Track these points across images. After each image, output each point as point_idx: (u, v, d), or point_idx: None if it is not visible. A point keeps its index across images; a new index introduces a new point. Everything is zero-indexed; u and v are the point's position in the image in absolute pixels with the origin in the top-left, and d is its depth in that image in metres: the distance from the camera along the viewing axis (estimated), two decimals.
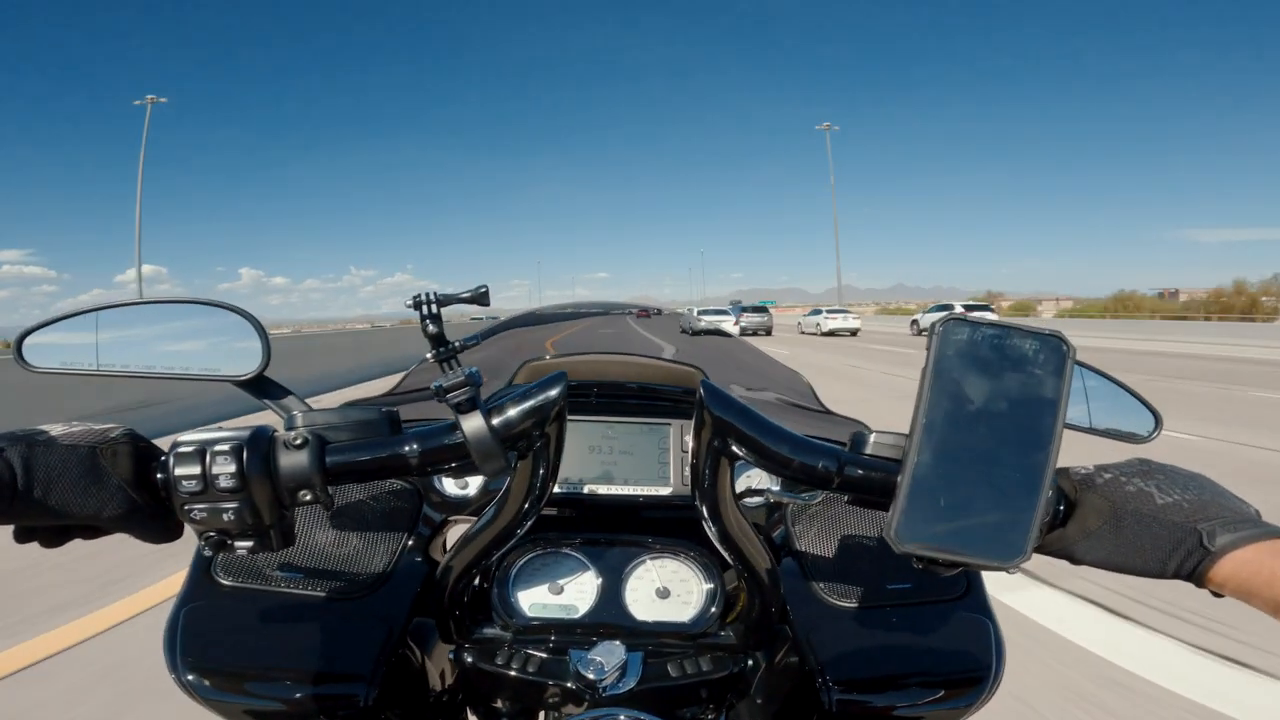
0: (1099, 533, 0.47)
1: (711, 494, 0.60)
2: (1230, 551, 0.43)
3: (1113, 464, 0.50)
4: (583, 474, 0.81)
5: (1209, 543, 0.43)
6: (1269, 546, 0.42)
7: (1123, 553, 0.46)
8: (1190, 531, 0.44)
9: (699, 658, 0.72)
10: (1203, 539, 0.44)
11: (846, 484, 0.52)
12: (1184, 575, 0.45)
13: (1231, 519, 0.44)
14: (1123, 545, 0.46)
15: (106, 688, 2.35)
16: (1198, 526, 0.44)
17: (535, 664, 0.70)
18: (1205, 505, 0.45)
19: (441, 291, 0.53)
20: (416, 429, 0.53)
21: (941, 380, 0.44)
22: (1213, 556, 0.43)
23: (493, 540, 0.64)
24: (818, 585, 0.76)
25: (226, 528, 0.48)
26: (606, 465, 0.82)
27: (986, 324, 0.45)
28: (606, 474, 0.81)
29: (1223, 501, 0.46)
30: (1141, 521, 0.46)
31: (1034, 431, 0.44)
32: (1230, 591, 0.43)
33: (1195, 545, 0.44)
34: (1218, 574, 0.43)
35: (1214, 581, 0.44)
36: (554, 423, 0.55)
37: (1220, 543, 0.43)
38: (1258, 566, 0.42)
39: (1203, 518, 0.45)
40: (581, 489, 0.81)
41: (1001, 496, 0.43)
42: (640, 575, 0.77)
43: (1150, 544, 0.45)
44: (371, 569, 0.75)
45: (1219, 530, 0.43)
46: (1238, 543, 0.43)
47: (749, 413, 0.55)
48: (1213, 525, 0.44)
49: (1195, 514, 0.45)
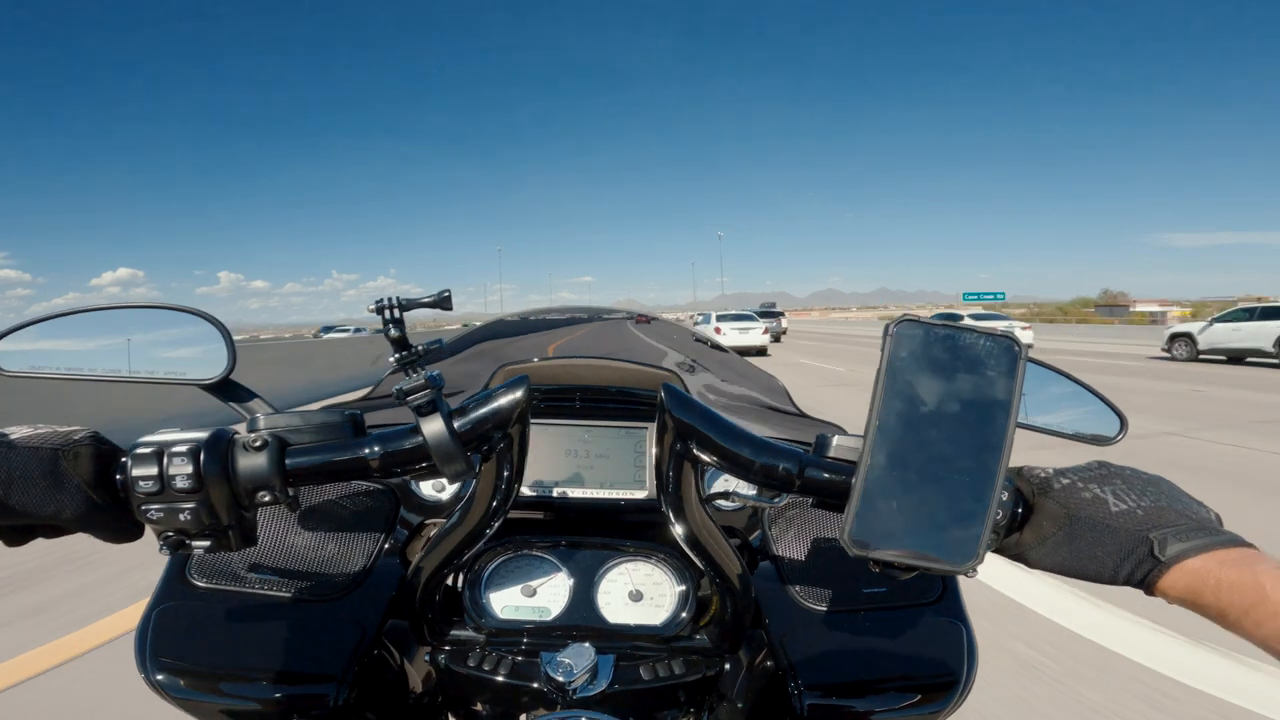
0: (1053, 539, 0.47)
1: (676, 497, 0.60)
2: (1180, 561, 0.43)
3: (1071, 468, 0.50)
4: (558, 477, 0.82)
5: (1159, 552, 0.43)
6: (1218, 556, 0.42)
7: (1076, 560, 0.47)
8: (1142, 540, 0.44)
9: (671, 661, 0.72)
10: (1153, 548, 0.44)
11: (807, 486, 0.52)
12: (1134, 583, 0.45)
13: (1185, 527, 0.44)
14: (1076, 552, 0.46)
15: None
16: (1149, 535, 0.44)
17: (508, 666, 0.70)
18: (1160, 512, 0.46)
19: (406, 296, 0.53)
20: (379, 432, 0.54)
21: (895, 382, 0.44)
22: (1162, 566, 0.43)
23: (461, 542, 0.65)
24: (793, 589, 0.76)
25: (184, 527, 0.49)
26: (582, 469, 0.82)
27: (939, 325, 0.45)
28: (582, 477, 0.82)
29: (1179, 508, 0.46)
30: (1095, 529, 0.46)
31: (987, 433, 0.44)
32: (1179, 601, 0.44)
33: (1146, 554, 0.44)
34: (1167, 583, 0.43)
35: (1163, 591, 0.44)
36: (516, 425, 0.55)
37: (1170, 552, 0.43)
38: (1206, 576, 0.42)
39: (1155, 526, 0.45)
40: (556, 492, 0.81)
41: (955, 499, 0.43)
42: (613, 578, 0.77)
43: (1102, 552, 0.46)
44: (347, 571, 0.76)
45: (1170, 539, 0.44)
46: (1188, 552, 0.43)
47: (711, 415, 0.55)
48: (1164, 534, 0.44)
49: (1148, 522, 0.45)
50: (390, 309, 0.52)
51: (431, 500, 0.86)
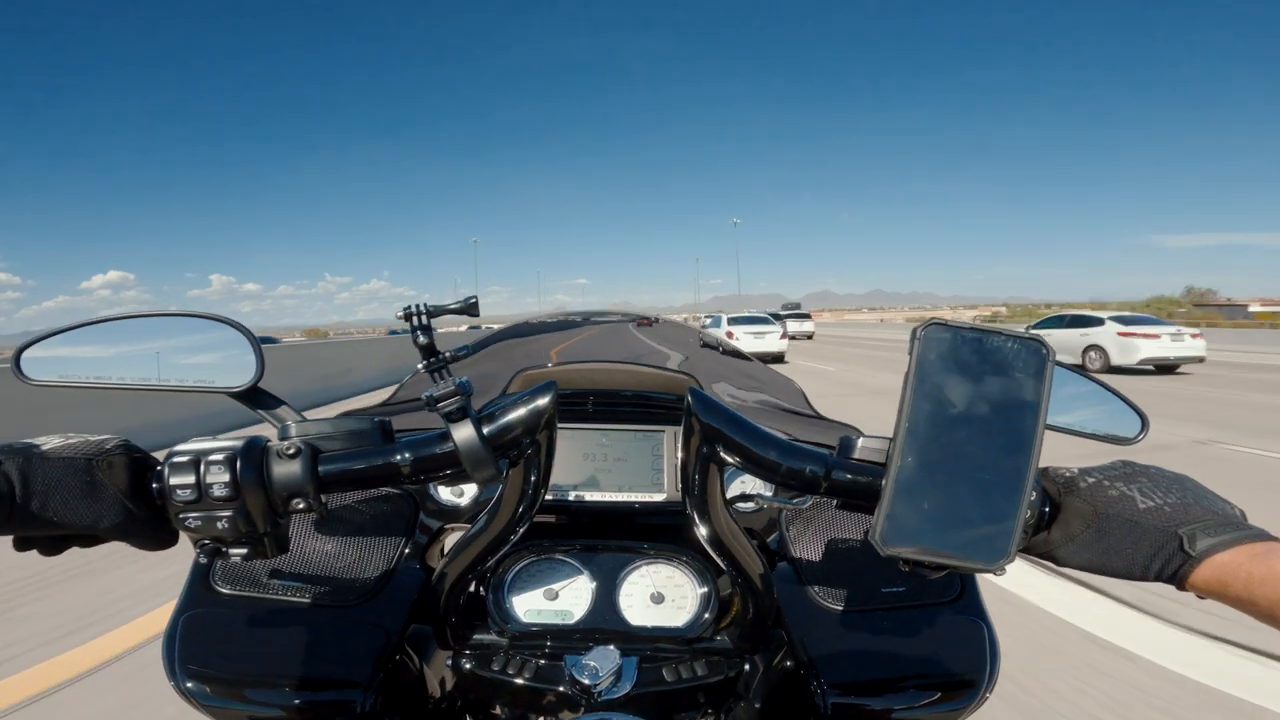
0: (1082, 537, 0.48)
1: (701, 500, 0.61)
2: (1210, 556, 0.43)
3: (1096, 467, 0.51)
4: (577, 481, 0.82)
5: (1189, 547, 0.44)
6: (1248, 550, 0.43)
7: (1105, 557, 0.47)
8: (1171, 536, 0.45)
9: (694, 662, 0.72)
10: (1183, 543, 0.44)
11: (834, 488, 0.52)
12: (1165, 578, 0.45)
13: (1213, 522, 0.45)
14: (1105, 549, 0.47)
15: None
16: (1179, 531, 0.45)
17: (531, 670, 0.70)
18: (1187, 509, 0.46)
19: (432, 303, 0.54)
20: (409, 438, 0.54)
21: (924, 384, 0.45)
22: (1193, 561, 0.44)
23: (486, 547, 0.65)
24: (812, 589, 0.76)
25: (221, 535, 0.49)
26: (601, 472, 0.82)
27: (967, 328, 0.46)
28: (601, 481, 0.82)
29: (1205, 504, 0.47)
30: (1124, 526, 0.47)
31: (1016, 434, 0.44)
32: (1211, 594, 0.44)
33: (1176, 550, 0.44)
34: (1198, 578, 0.44)
35: (1195, 585, 0.44)
36: (544, 430, 0.56)
37: (1201, 547, 0.44)
38: (1236, 570, 0.42)
39: (1184, 521, 0.45)
40: (576, 496, 0.81)
41: (985, 499, 0.44)
42: (634, 581, 0.78)
43: (1132, 548, 0.46)
44: (369, 577, 0.76)
45: (1199, 534, 0.44)
46: (1218, 547, 0.43)
47: (737, 419, 0.56)
48: (1193, 529, 0.45)
49: (1176, 518, 0.46)
50: (418, 315, 0.53)
51: (450, 505, 0.86)
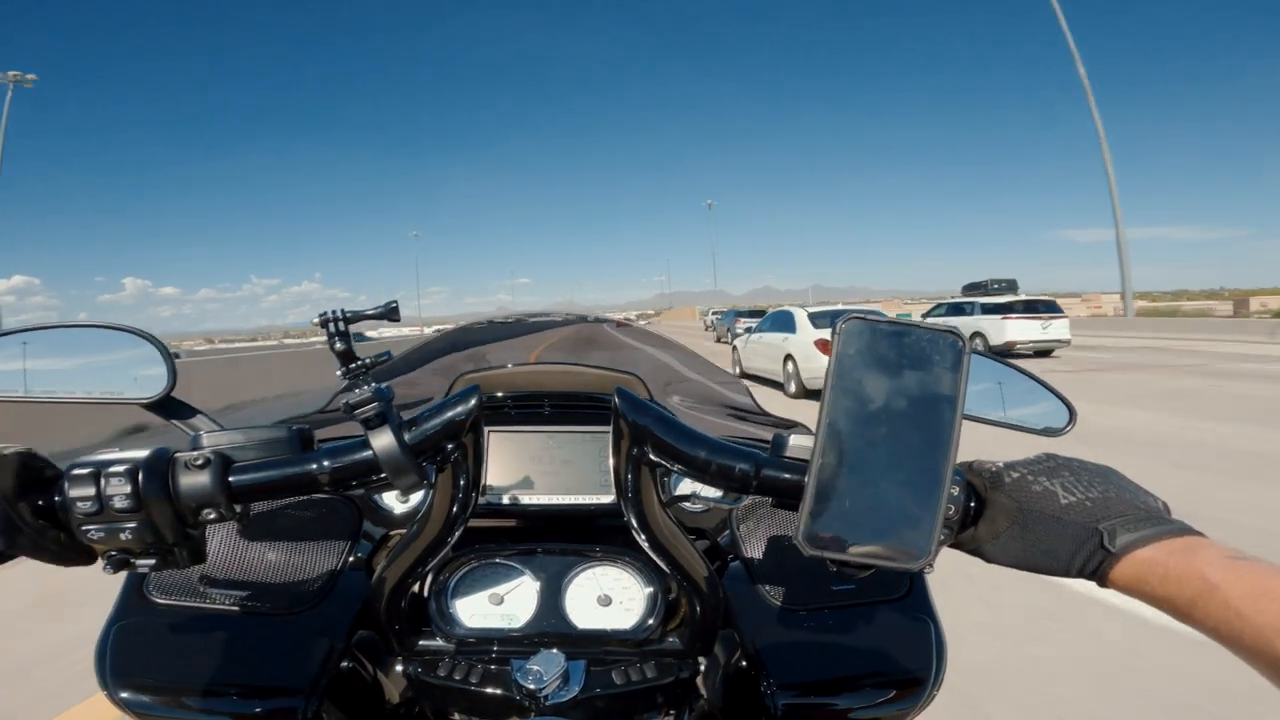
0: (1007, 533, 0.47)
1: (637, 502, 0.60)
2: (1130, 552, 0.43)
3: (1020, 460, 0.50)
4: (523, 484, 0.81)
5: (1109, 543, 0.43)
6: (1167, 545, 0.42)
7: (1029, 553, 0.46)
8: (1092, 532, 0.44)
9: (644, 664, 0.71)
10: (1103, 539, 0.44)
11: (765, 487, 0.52)
12: (1088, 575, 0.45)
13: (1134, 517, 0.44)
14: (1029, 546, 0.46)
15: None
16: (1099, 526, 0.44)
17: (478, 675, 0.69)
18: (1108, 503, 0.46)
19: (349, 308, 0.53)
20: (328, 446, 0.53)
21: (843, 380, 0.44)
22: (1112, 557, 0.43)
23: (423, 552, 0.64)
24: (763, 588, 0.76)
25: (126, 546, 0.48)
26: (548, 475, 0.81)
27: (885, 322, 0.45)
28: (548, 484, 0.81)
29: (1127, 498, 0.46)
30: (1046, 522, 0.46)
31: (934, 428, 0.43)
32: (1131, 592, 0.43)
33: (1096, 546, 0.44)
34: (1119, 575, 0.43)
35: (1116, 582, 0.44)
36: (469, 434, 0.55)
37: (1120, 543, 0.43)
38: (1154, 566, 0.42)
39: (1104, 516, 0.45)
40: (523, 499, 0.80)
41: (905, 496, 0.43)
42: (580, 584, 0.77)
43: (1055, 544, 0.45)
44: (312, 584, 0.75)
45: (1119, 530, 0.43)
46: (1138, 542, 0.43)
47: (665, 418, 0.55)
48: (1114, 524, 0.44)
49: (1097, 513, 0.45)
50: (335, 322, 0.52)
51: (394, 511, 0.85)
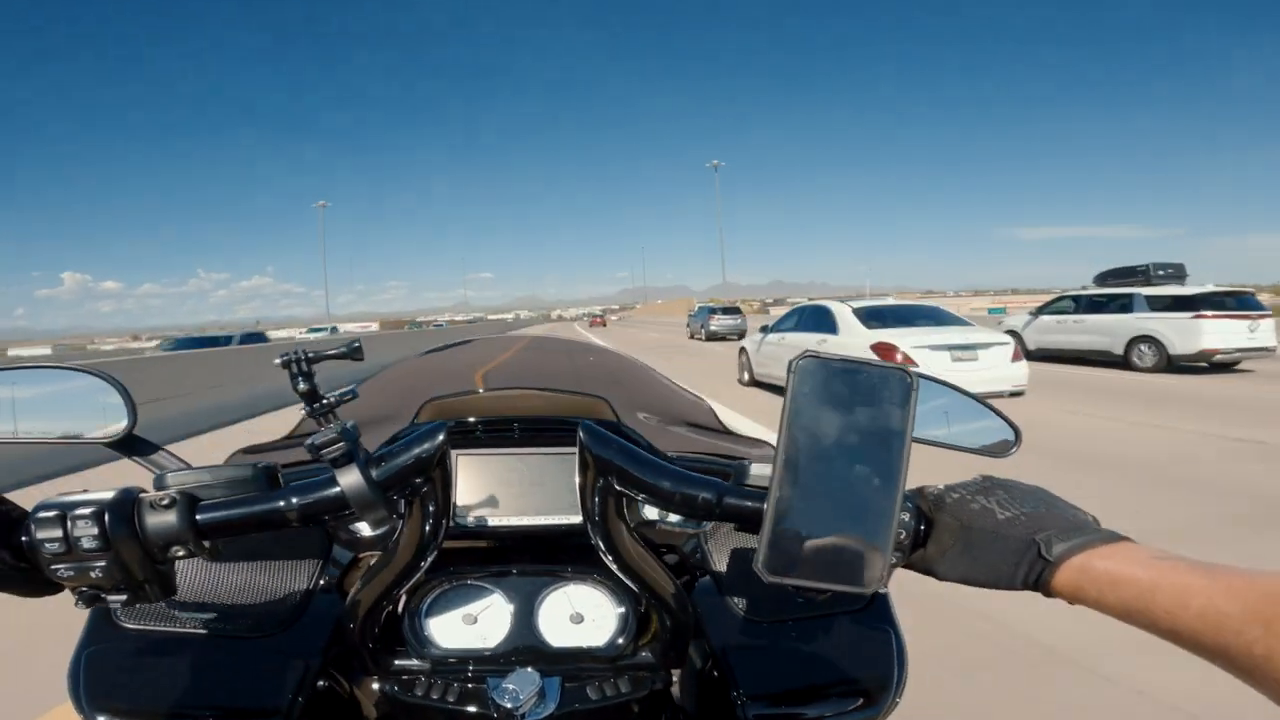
0: (953, 551, 0.50)
1: (604, 527, 0.62)
2: (1066, 559, 0.45)
3: (960, 483, 0.53)
4: (494, 506, 0.82)
5: (1046, 553, 0.46)
6: (1100, 551, 0.44)
7: (975, 568, 0.49)
8: (1029, 544, 0.47)
9: (617, 679, 0.73)
10: (1040, 549, 0.46)
11: (727, 514, 0.54)
12: (1030, 585, 0.47)
13: (1065, 527, 0.47)
14: (975, 561, 0.49)
15: None
16: (1035, 538, 0.47)
17: (455, 694, 0.71)
18: (1041, 517, 0.48)
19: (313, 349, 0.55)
20: (296, 484, 0.54)
21: (800, 417, 0.46)
22: (1052, 566, 0.45)
23: (396, 576, 0.66)
24: (732, 601, 0.78)
25: (97, 584, 0.49)
26: (518, 497, 0.82)
27: (838, 360, 0.47)
28: (518, 505, 0.82)
29: (1058, 511, 0.49)
30: (987, 537, 0.48)
31: (885, 462, 0.46)
32: (1072, 598, 0.45)
33: (1035, 557, 0.46)
34: (1059, 583, 0.45)
35: (1058, 590, 0.46)
36: (437, 468, 0.57)
37: (1056, 552, 0.45)
38: (1087, 572, 0.44)
39: (1039, 529, 0.47)
40: (493, 521, 0.81)
41: (858, 525, 0.46)
42: (553, 602, 0.78)
43: (998, 558, 0.48)
44: (283, 607, 0.76)
45: (1054, 540, 0.46)
46: (1072, 550, 0.45)
47: (629, 451, 0.57)
48: (1048, 535, 0.46)
49: (1032, 526, 0.48)
50: (297, 362, 0.53)
51: (363, 534, 0.85)
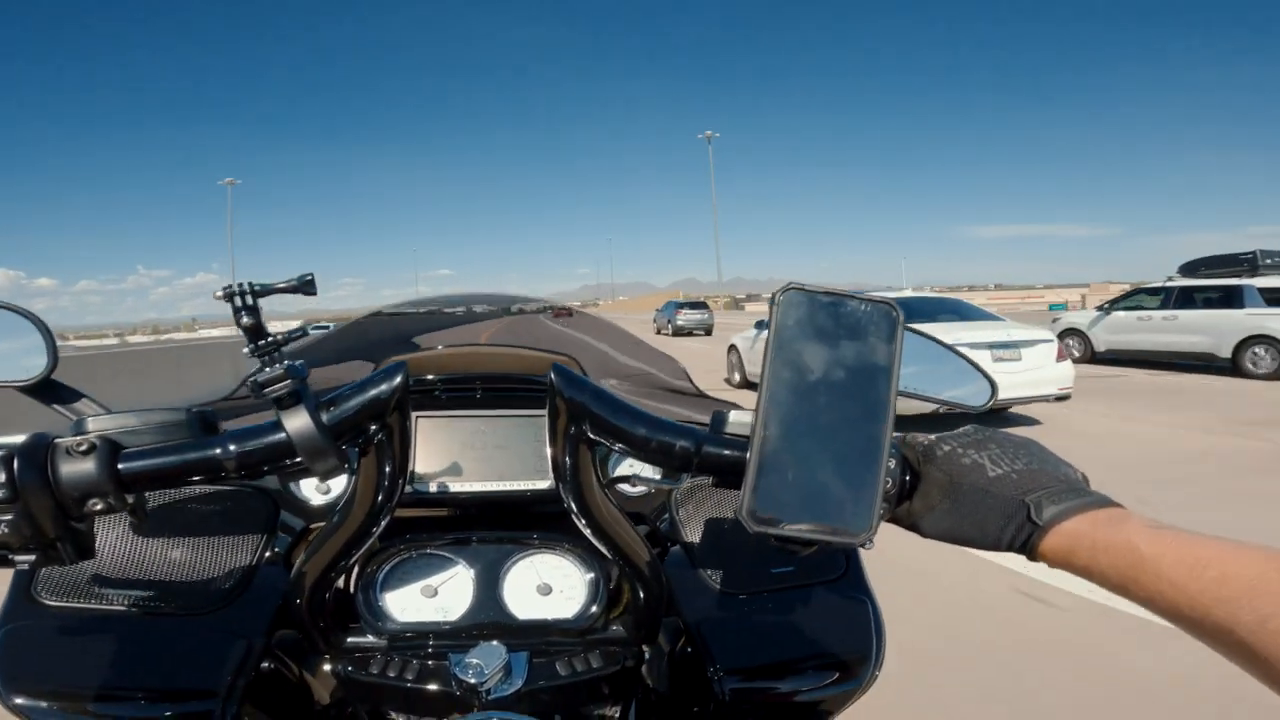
0: (941, 507, 0.47)
1: (576, 484, 0.58)
2: (1056, 524, 0.43)
3: (950, 434, 0.50)
4: (456, 472, 0.78)
5: (1036, 516, 0.43)
6: (1091, 517, 0.42)
7: (962, 527, 0.46)
8: (1019, 505, 0.44)
9: (588, 654, 0.69)
10: (1030, 512, 0.44)
11: (705, 464, 0.51)
12: (1017, 548, 0.45)
13: (1056, 489, 0.44)
14: (962, 519, 0.46)
15: None
16: (1025, 500, 0.44)
17: (414, 670, 0.66)
18: (1033, 475, 0.46)
19: (259, 283, 0.49)
20: (235, 429, 0.50)
21: (783, 351, 0.43)
22: (1040, 530, 0.43)
23: (346, 543, 0.61)
24: (704, 573, 0.75)
25: (4, 541, 0.44)
26: (482, 461, 0.78)
27: (823, 292, 0.44)
28: (482, 470, 0.78)
29: (1050, 469, 0.47)
30: (977, 495, 0.46)
31: (871, 399, 0.43)
32: (1060, 564, 0.43)
33: (1024, 520, 0.44)
34: (1047, 547, 0.43)
35: (1044, 555, 0.44)
36: (395, 414, 0.52)
37: (1046, 516, 0.43)
38: (1080, 538, 0.42)
39: (1030, 489, 0.45)
40: (456, 487, 0.77)
41: (846, 468, 0.43)
42: (519, 573, 0.74)
43: (985, 518, 0.45)
44: (224, 582, 0.70)
45: (1045, 502, 0.43)
46: (1063, 515, 0.43)
47: (603, 395, 0.54)
48: (1039, 496, 0.44)
49: (1023, 486, 0.45)
50: (241, 295, 0.48)
51: (314, 503, 0.80)
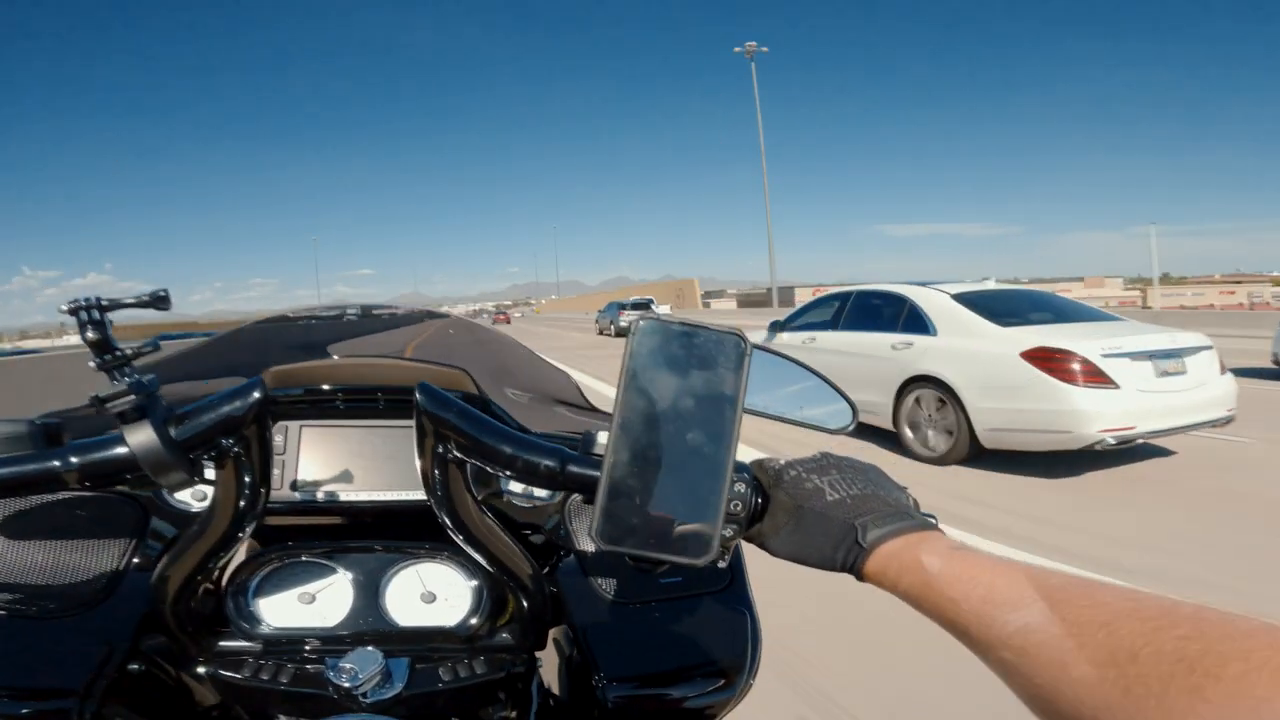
0: (786, 529, 0.49)
1: (447, 499, 0.59)
2: (878, 546, 0.45)
3: (800, 459, 0.53)
4: (343, 480, 0.78)
5: (861, 539, 0.45)
6: (907, 540, 0.45)
7: (803, 548, 0.48)
8: (850, 528, 0.46)
9: (473, 660, 0.70)
10: (858, 535, 0.46)
11: (570, 482, 0.52)
12: (847, 569, 0.47)
13: (883, 513, 0.47)
14: (803, 541, 0.48)
15: None
16: (855, 522, 0.46)
17: (288, 674, 0.67)
18: (865, 500, 0.48)
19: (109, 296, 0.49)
20: (77, 442, 0.50)
21: (636, 380, 0.45)
22: (865, 552, 0.45)
23: (209, 550, 0.61)
24: (595, 581, 0.77)
25: None
26: (367, 470, 0.78)
27: (676, 324, 0.46)
28: (367, 480, 0.78)
29: (882, 494, 0.49)
30: (816, 518, 0.48)
31: (717, 426, 0.45)
32: (878, 584, 0.45)
33: (853, 542, 0.46)
34: (870, 569, 0.45)
35: (868, 576, 0.46)
36: (252, 426, 0.53)
37: (870, 538, 0.45)
38: (890, 560, 0.44)
39: (861, 513, 0.47)
40: (341, 496, 0.77)
41: (691, 493, 0.45)
42: (401, 581, 0.75)
43: (823, 540, 0.47)
44: (87, 586, 0.70)
45: (870, 525, 0.46)
46: (883, 537, 0.45)
47: (469, 414, 0.54)
48: (866, 520, 0.46)
49: (856, 510, 0.47)
50: (88, 309, 0.48)
51: (185, 510, 0.79)
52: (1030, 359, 4.59)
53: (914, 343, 5.33)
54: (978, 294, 5.58)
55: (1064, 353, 4.52)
